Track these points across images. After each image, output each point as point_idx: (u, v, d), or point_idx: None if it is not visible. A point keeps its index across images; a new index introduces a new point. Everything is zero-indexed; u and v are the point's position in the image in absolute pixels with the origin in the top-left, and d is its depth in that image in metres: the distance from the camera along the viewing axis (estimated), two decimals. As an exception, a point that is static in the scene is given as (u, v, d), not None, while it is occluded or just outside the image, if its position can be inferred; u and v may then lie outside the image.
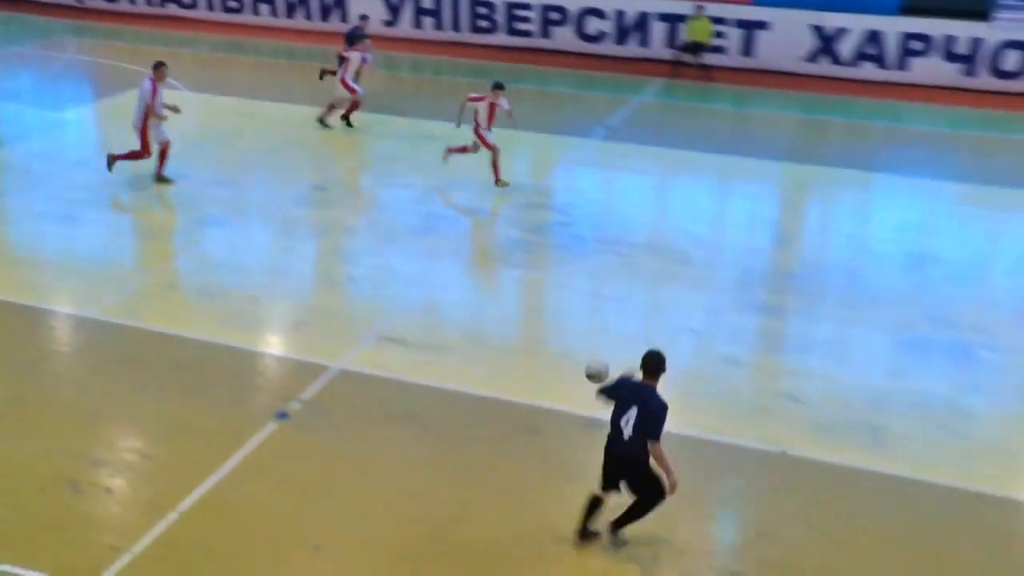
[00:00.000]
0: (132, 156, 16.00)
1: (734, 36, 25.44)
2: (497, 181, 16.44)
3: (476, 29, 27.45)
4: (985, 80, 24.29)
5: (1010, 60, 24.00)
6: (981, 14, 24.19)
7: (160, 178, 16.17)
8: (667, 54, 25.84)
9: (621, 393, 8.04)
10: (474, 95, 16.53)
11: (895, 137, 21.80)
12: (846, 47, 25.08)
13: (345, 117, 19.56)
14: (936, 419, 10.43)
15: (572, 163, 18.64)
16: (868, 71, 25.01)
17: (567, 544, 8.31)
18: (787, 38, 25.24)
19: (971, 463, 9.78)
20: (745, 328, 12.42)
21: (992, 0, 23.94)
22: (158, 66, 15.79)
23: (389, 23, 28.31)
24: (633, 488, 8.05)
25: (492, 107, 16.35)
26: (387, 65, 24.20)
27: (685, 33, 25.16)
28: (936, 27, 24.33)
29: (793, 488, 9.32)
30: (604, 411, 10.15)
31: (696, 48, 24.90)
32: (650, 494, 8.01)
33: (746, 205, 17.42)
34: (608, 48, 26.71)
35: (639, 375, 8.05)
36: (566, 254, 14.53)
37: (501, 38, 27.26)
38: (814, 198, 18.18)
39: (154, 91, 15.55)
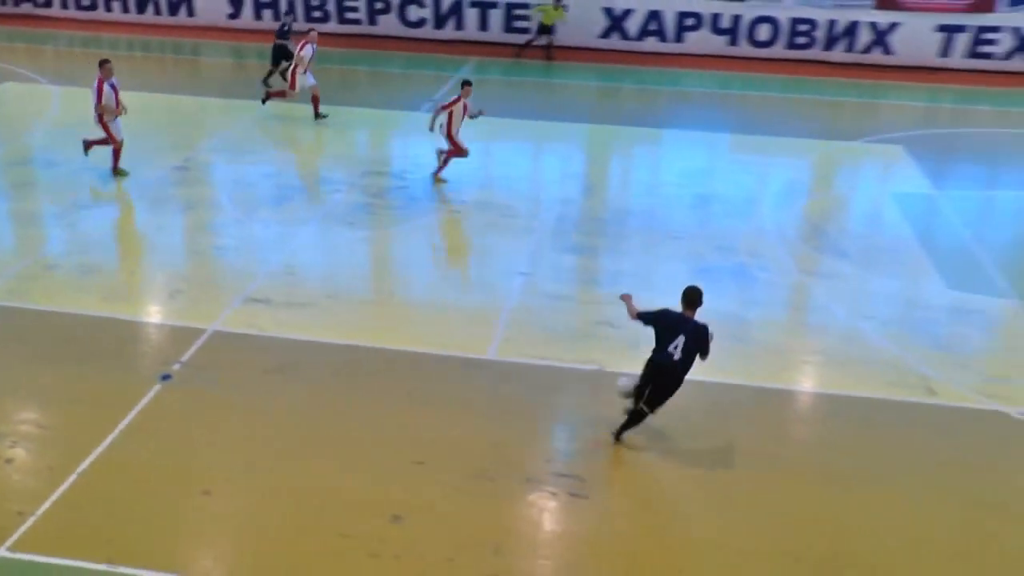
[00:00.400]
0: (103, 142, 15.05)
1: (538, 19, 25.45)
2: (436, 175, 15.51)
3: (311, 19, 26.62)
4: (745, 49, 25.20)
5: (763, 32, 24.97)
6: (739, -5, 25.09)
7: (86, 146, 15.19)
8: (480, 36, 25.73)
9: (665, 323, 8.25)
10: (445, 103, 14.93)
11: (676, 98, 22.38)
12: (633, 25, 25.53)
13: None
14: (726, 330, 10.75)
15: (404, 134, 18.37)
16: (652, 44, 25.55)
17: (421, 463, 8.37)
18: (584, 18, 25.48)
19: (754, 364, 10.29)
20: (565, 267, 12.63)
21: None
22: (102, 64, 14.72)
23: (232, 16, 27.21)
24: (651, 396, 8.30)
25: (464, 107, 14.96)
26: (233, 54, 23.26)
27: (543, 18, 24.90)
28: (705, 6, 25.06)
29: (611, 399, 9.55)
30: (445, 348, 10.25)
31: (546, 30, 24.83)
32: (653, 407, 8.38)
33: (558, 162, 17.62)
34: (428, 32, 26.39)
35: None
36: (406, 214, 14.38)
37: (333, 26, 26.50)
38: (614, 153, 18.52)
39: (99, 88, 14.52)
